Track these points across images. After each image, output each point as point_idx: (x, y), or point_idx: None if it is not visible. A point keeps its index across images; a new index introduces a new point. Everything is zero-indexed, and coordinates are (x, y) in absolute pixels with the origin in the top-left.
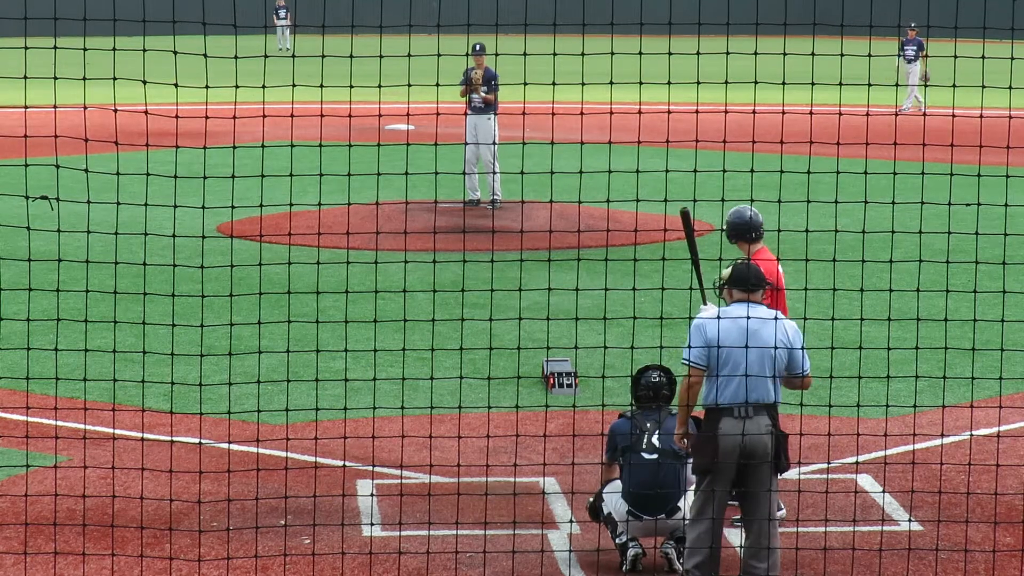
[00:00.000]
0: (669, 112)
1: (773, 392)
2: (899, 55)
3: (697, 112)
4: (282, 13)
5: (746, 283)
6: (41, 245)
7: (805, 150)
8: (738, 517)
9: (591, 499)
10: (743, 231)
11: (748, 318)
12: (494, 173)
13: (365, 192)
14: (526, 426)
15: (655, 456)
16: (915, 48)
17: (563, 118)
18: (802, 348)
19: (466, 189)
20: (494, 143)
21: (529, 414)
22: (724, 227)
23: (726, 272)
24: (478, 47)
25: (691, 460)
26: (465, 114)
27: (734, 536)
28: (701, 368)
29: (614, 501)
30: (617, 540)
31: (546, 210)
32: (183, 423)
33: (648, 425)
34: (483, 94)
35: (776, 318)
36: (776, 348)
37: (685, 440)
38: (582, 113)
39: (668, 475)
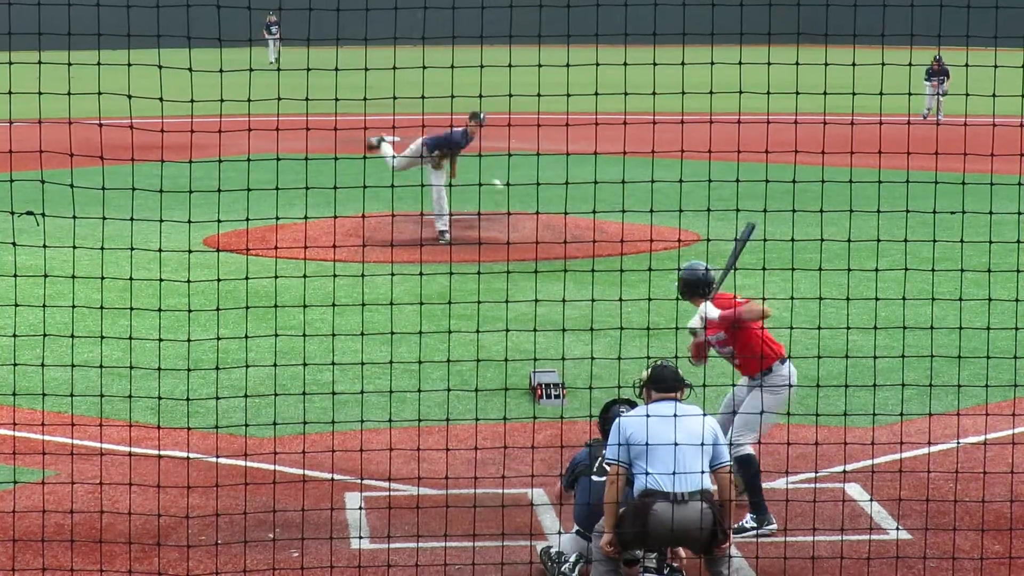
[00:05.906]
0: (654, 122)
1: (702, 480)
2: (928, 84)
3: (682, 122)
4: (273, 29)
5: (663, 383)
6: (27, 260)
7: (790, 159)
8: None
9: (561, 558)
10: (695, 287)
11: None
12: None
13: (351, 204)
14: (514, 437)
15: (604, 478)
16: (940, 79)
17: (548, 129)
18: (726, 443)
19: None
20: (439, 184)
21: (517, 425)
22: (677, 283)
23: (645, 373)
24: (481, 115)
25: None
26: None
27: None
28: (621, 464)
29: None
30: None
31: (532, 221)
32: (170, 437)
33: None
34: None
35: (700, 414)
36: (675, 443)
37: (610, 547)
38: (567, 124)
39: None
